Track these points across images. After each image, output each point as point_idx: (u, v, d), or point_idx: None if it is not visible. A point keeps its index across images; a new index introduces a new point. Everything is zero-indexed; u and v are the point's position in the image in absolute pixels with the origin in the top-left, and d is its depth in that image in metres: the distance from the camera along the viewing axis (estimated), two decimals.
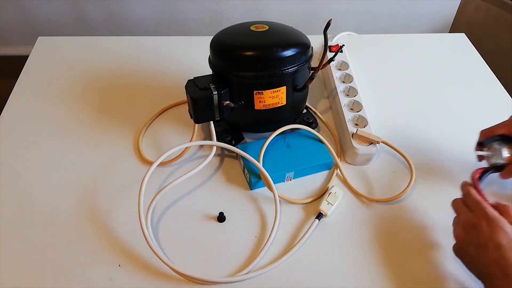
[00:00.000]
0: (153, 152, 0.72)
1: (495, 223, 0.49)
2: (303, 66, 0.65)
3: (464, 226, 0.52)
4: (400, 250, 0.60)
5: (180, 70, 0.87)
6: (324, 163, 0.69)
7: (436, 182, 0.69)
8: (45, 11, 1.37)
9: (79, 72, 0.86)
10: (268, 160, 0.67)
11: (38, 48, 0.91)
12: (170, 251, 0.59)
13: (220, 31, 0.68)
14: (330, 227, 0.63)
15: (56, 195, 0.65)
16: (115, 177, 0.67)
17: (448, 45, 0.98)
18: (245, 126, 0.73)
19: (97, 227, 0.61)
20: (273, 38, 0.65)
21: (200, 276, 0.55)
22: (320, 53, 0.91)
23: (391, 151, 0.71)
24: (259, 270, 0.57)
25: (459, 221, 0.54)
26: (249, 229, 0.62)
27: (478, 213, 0.51)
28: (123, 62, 0.89)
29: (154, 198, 0.62)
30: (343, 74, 0.83)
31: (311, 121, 0.75)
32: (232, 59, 0.64)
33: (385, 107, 0.82)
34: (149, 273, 0.56)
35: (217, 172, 0.69)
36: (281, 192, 0.65)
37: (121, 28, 1.43)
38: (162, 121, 0.77)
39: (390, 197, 0.66)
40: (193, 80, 0.66)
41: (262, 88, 0.64)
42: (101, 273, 0.56)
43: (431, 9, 1.43)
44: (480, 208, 0.52)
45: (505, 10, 1.34)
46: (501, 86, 0.88)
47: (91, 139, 0.73)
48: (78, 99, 0.80)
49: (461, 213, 0.54)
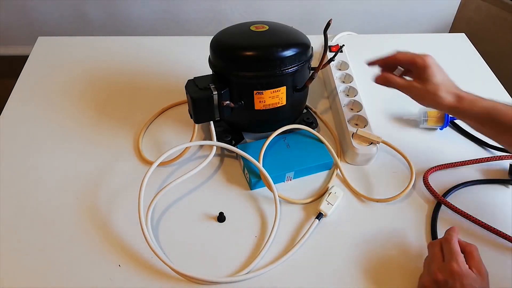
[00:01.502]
0: (153, 152, 0.72)
1: (466, 282, 0.48)
2: (303, 66, 0.65)
3: (434, 279, 0.50)
4: (400, 250, 0.60)
5: (180, 70, 0.87)
6: (324, 163, 0.69)
7: (436, 182, 0.69)
8: (45, 11, 1.37)
9: (79, 72, 0.86)
10: (268, 160, 0.67)
11: (38, 48, 0.91)
12: (170, 251, 0.59)
13: (220, 31, 0.68)
14: (330, 227, 0.63)
15: (56, 195, 0.65)
16: (115, 177, 0.67)
17: (448, 45, 0.98)
18: (245, 126, 0.73)
19: (97, 227, 0.61)
20: (273, 38, 0.65)
21: (200, 276, 0.55)
22: (320, 53, 0.91)
23: (391, 151, 0.71)
24: (259, 270, 0.57)
25: (430, 269, 0.51)
26: (249, 229, 0.62)
27: (451, 268, 0.49)
28: (123, 62, 0.89)
29: (154, 198, 0.62)
30: (343, 74, 0.82)
31: (311, 121, 0.75)
32: (232, 59, 0.64)
33: (385, 107, 0.82)
34: (149, 273, 0.56)
35: (217, 172, 0.69)
36: (281, 192, 0.65)
37: (121, 28, 1.43)
38: (162, 121, 0.77)
39: (390, 197, 0.66)
40: (193, 80, 0.66)
41: (262, 88, 0.64)
42: (101, 273, 0.56)
43: (431, 9, 1.43)
44: (455, 262, 0.49)
45: (505, 10, 1.34)
46: (501, 86, 0.88)
47: (91, 139, 0.73)
48: (78, 99, 0.80)
49: (434, 260, 0.52)
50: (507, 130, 0.57)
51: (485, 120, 0.59)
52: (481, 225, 0.62)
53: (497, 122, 0.58)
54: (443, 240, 0.53)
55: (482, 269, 0.50)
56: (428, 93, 0.62)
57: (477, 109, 0.59)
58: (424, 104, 0.64)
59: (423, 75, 0.61)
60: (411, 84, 0.63)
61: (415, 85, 0.63)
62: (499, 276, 0.57)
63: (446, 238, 0.53)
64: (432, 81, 0.61)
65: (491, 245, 0.61)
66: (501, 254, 0.60)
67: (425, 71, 0.61)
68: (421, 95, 0.63)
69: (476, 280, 0.48)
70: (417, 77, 0.63)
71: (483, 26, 1.41)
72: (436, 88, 0.61)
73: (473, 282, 0.48)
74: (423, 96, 0.63)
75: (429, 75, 0.61)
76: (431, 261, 0.52)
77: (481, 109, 0.59)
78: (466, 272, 0.48)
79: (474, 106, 0.60)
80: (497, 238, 0.61)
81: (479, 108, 0.59)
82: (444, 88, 0.61)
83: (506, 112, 0.58)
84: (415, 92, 0.63)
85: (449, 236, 0.53)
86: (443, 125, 0.76)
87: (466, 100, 0.60)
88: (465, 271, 0.48)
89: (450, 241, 0.52)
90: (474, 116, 0.60)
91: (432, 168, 0.70)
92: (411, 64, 0.63)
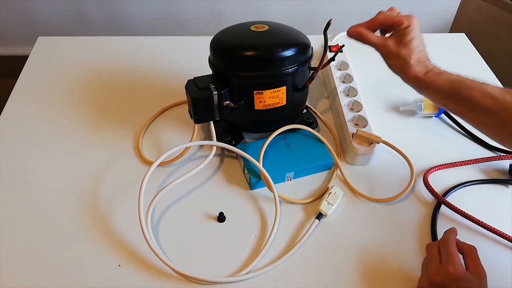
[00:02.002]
0: (153, 152, 0.72)
1: (463, 285, 0.47)
2: (303, 66, 0.65)
3: (431, 281, 0.49)
4: (400, 250, 0.60)
5: (180, 70, 0.87)
6: (324, 163, 0.69)
7: (436, 182, 0.69)
8: (45, 11, 1.38)
9: (79, 72, 0.86)
10: (268, 160, 0.67)
11: (38, 48, 0.91)
12: (170, 251, 0.59)
13: (220, 31, 0.68)
14: (330, 227, 0.63)
15: (56, 195, 0.65)
16: (115, 177, 0.67)
17: (448, 45, 0.99)
18: (245, 126, 0.73)
19: (97, 227, 0.61)
20: (273, 38, 0.65)
21: (200, 276, 0.55)
22: (320, 53, 0.91)
23: (391, 151, 0.71)
24: (259, 270, 0.57)
25: (427, 271, 0.51)
26: (249, 229, 0.62)
27: (447, 270, 0.49)
28: (123, 62, 0.89)
29: (154, 198, 0.62)
30: (343, 74, 0.82)
31: (311, 121, 0.75)
32: (232, 59, 0.64)
33: (385, 107, 0.82)
34: (149, 273, 0.56)
35: (217, 172, 0.69)
36: (281, 192, 0.65)
37: (121, 28, 1.43)
38: (162, 121, 0.77)
39: (390, 197, 0.66)
40: (193, 80, 0.66)
41: (262, 88, 0.64)
42: (101, 273, 0.56)
43: (431, 9, 1.43)
44: (451, 265, 0.49)
45: (505, 10, 1.35)
46: (501, 86, 0.88)
47: (91, 139, 0.73)
48: (78, 99, 0.80)
49: (432, 262, 0.51)
50: (474, 108, 0.55)
51: (448, 95, 0.57)
52: (481, 225, 0.62)
53: (460, 96, 0.55)
54: (441, 241, 0.53)
55: (481, 270, 0.49)
56: (399, 56, 0.58)
57: (441, 81, 0.56)
58: (391, 66, 0.61)
59: (402, 36, 0.58)
60: (386, 42, 0.59)
61: (389, 45, 0.59)
62: (499, 276, 0.57)
63: (444, 239, 0.53)
64: (408, 46, 0.58)
65: (491, 245, 0.61)
66: (501, 254, 0.60)
67: (406, 33, 0.58)
68: (392, 56, 0.59)
69: (473, 282, 0.48)
70: (395, 37, 0.59)
71: (483, 26, 1.41)
72: (408, 55, 0.58)
73: (469, 285, 0.48)
74: (393, 58, 0.59)
75: (408, 39, 0.57)
76: (429, 262, 0.52)
77: (445, 81, 0.56)
78: (463, 275, 0.48)
79: (438, 78, 0.57)
80: (497, 238, 0.61)
81: (443, 81, 0.56)
82: (416, 56, 0.58)
83: (469, 85, 0.55)
84: (387, 52, 0.60)
85: (446, 238, 0.53)
86: (438, 112, 0.78)
87: (431, 72, 0.57)
88: (462, 274, 0.48)
89: (448, 242, 0.52)
90: (438, 90, 0.57)
91: (432, 168, 0.70)
92: (395, 24, 0.59)
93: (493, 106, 0.53)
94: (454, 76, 0.57)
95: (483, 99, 0.53)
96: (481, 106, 0.54)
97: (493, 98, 0.53)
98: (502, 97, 0.53)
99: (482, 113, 0.54)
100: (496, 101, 0.53)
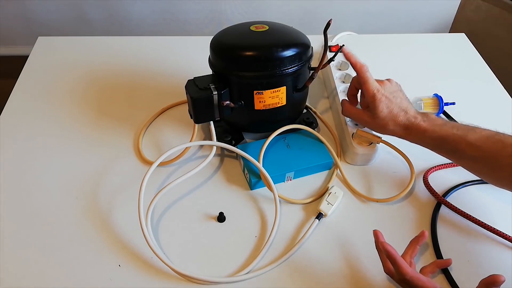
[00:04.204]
0: (153, 152, 0.72)
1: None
2: (303, 66, 0.65)
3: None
4: (400, 250, 0.60)
5: (180, 70, 0.87)
6: (324, 163, 0.69)
7: (436, 182, 0.69)
8: (45, 11, 1.38)
9: (79, 72, 0.86)
10: (268, 160, 0.67)
11: (38, 48, 0.91)
12: (170, 251, 0.59)
13: (220, 31, 0.68)
14: (330, 227, 0.63)
15: (56, 195, 0.65)
16: (115, 177, 0.67)
17: (448, 45, 0.98)
18: (245, 126, 0.73)
19: (97, 227, 0.61)
20: (273, 38, 0.65)
21: (200, 276, 0.55)
22: (320, 53, 0.91)
23: (391, 151, 0.71)
24: (259, 270, 0.57)
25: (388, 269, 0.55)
26: (249, 229, 0.62)
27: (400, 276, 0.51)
28: (123, 62, 0.89)
29: (154, 198, 0.62)
30: (343, 74, 0.82)
31: (311, 121, 0.75)
32: (232, 59, 0.64)
33: None
34: (149, 273, 0.56)
35: (217, 172, 0.69)
36: (281, 192, 0.65)
37: (121, 28, 1.43)
38: (162, 121, 0.78)
39: (390, 197, 0.66)
40: (193, 80, 0.66)
41: (262, 88, 0.64)
42: (101, 273, 0.56)
43: (431, 9, 1.44)
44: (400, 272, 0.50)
45: (505, 10, 1.35)
46: (501, 86, 0.88)
47: (91, 139, 0.73)
48: (78, 99, 0.80)
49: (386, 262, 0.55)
50: (461, 157, 0.59)
51: (435, 148, 0.61)
52: (481, 225, 0.62)
53: (446, 149, 0.60)
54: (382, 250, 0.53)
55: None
56: (376, 125, 0.64)
57: (426, 140, 0.61)
58: (373, 130, 0.67)
59: (373, 109, 0.63)
60: (360, 116, 0.66)
61: (364, 118, 0.66)
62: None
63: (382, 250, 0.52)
64: (379, 116, 0.63)
65: (491, 245, 0.61)
66: (501, 254, 0.60)
67: (372, 105, 0.63)
68: (370, 127, 0.66)
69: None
70: (366, 107, 0.65)
71: (483, 26, 1.42)
72: (383, 123, 0.63)
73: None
74: (373, 128, 0.66)
75: (376, 110, 0.62)
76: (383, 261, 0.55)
77: (430, 140, 0.60)
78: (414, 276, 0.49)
79: (422, 137, 0.61)
80: (497, 238, 0.61)
81: (428, 140, 0.61)
82: (392, 122, 0.62)
83: (453, 139, 0.58)
84: (365, 123, 0.66)
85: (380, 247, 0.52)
86: (438, 112, 0.78)
87: (414, 131, 0.61)
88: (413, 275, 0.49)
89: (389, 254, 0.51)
90: (425, 145, 0.62)
91: (432, 168, 0.70)
92: (364, 92, 0.64)
93: (479, 156, 0.56)
94: (438, 129, 0.59)
95: (468, 150, 0.57)
96: (468, 156, 0.57)
97: (477, 148, 0.56)
98: (486, 146, 0.56)
99: (471, 161, 0.59)
100: (480, 151, 0.56)
